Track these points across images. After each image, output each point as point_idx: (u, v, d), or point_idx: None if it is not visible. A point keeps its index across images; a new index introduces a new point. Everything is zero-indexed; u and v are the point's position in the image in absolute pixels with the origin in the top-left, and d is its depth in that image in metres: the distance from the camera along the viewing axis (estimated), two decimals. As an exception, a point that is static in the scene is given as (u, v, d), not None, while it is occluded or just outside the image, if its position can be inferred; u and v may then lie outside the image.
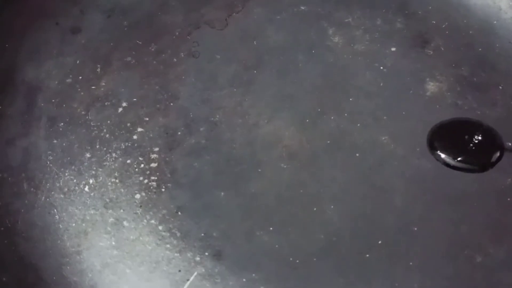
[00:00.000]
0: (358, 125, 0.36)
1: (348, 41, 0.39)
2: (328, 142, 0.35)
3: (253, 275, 0.31)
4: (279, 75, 0.38)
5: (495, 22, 0.40)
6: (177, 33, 0.39)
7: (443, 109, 0.36)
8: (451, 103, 0.36)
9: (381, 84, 0.37)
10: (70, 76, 0.37)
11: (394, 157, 0.34)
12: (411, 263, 0.31)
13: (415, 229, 0.32)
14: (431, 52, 0.39)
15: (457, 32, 0.39)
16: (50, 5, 0.40)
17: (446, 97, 0.37)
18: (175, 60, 0.38)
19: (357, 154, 0.34)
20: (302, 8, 0.41)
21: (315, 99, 0.37)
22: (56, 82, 0.37)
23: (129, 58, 0.38)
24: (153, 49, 0.39)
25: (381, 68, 0.38)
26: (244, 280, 0.31)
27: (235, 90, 0.37)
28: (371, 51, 0.39)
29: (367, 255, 0.31)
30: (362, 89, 0.37)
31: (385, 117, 0.36)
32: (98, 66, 0.38)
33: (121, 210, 0.32)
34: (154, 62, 0.38)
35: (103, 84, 0.37)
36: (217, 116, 0.36)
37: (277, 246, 0.32)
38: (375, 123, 0.36)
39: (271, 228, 0.32)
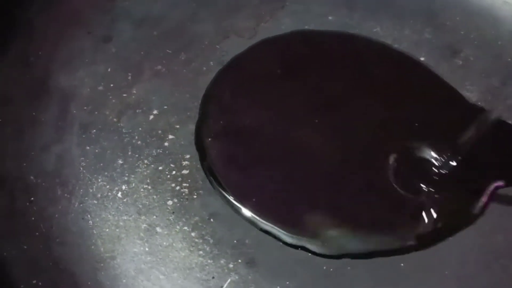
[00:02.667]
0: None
1: (377, 51, 0.39)
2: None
3: (287, 282, 0.31)
4: (308, 85, 0.38)
5: (524, 32, 0.40)
6: (206, 43, 0.40)
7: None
8: (482, 112, 0.36)
9: (411, 94, 0.37)
10: (102, 83, 0.38)
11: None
12: (446, 272, 0.31)
13: (450, 238, 0.32)
14: (461, 62, 0.39)
15: (486, 43, 0.39)
16: (82, 14, 0.40)
17: (477, 107, 0.37)
18: (204, 68, 0.38)
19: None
20: (330, 18, 0.41)
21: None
22: (89, 89, 0.37)
23: (159, 67, 0.39)
24: (183, 58, 0.39)
25: (411, 77, 0.38)
26: (278, 287, 0.30)
27: (264, 98, 0.37)
28: (400, 61, 0.39)
29: (402, 264, 0.31)
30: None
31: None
32: (129, 74, 0.38)
33: (154, 216, 0.33)
34: (184, 70, 0.38)
35: (135, 91, 0.37)
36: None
37: (310, 254, 0.31)
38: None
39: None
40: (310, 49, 0.37)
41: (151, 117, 0.36)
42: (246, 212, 0.32)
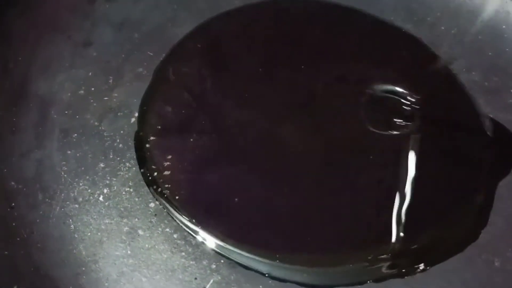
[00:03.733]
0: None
1: (358, 48, 0.39)
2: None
3: (270, 282, 0.30)
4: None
5: (504, 26, 0.40)
6: (187, 44, 0.40)
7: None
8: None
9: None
10: (83, 88, 0.37)
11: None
12: (429, 267, 0.31)
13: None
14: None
15: (466, 38, 0.40)
16: (62, 19, 0.40)
17: (458, 101, 0.37)
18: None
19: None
20: (312, 17, 0.41)
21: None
22: (69, 94, 0.37)
23: (140, 69, 0.38)
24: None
25: (392, 74, 0.38)
26: (260, 287, 0.30)
27: (245, 99, 0.37)
28: (381, 58, 0.39)
29: (384, 260, 0.31)
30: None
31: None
32: (110, 77, 0.38)
33: (136, 219, 0.32)
34: (166, 72, 0.38)
35: (116, 95, 0.37)
36: (229, 125, 0.36)
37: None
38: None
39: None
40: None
41: (133, 119, 0.36)
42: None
